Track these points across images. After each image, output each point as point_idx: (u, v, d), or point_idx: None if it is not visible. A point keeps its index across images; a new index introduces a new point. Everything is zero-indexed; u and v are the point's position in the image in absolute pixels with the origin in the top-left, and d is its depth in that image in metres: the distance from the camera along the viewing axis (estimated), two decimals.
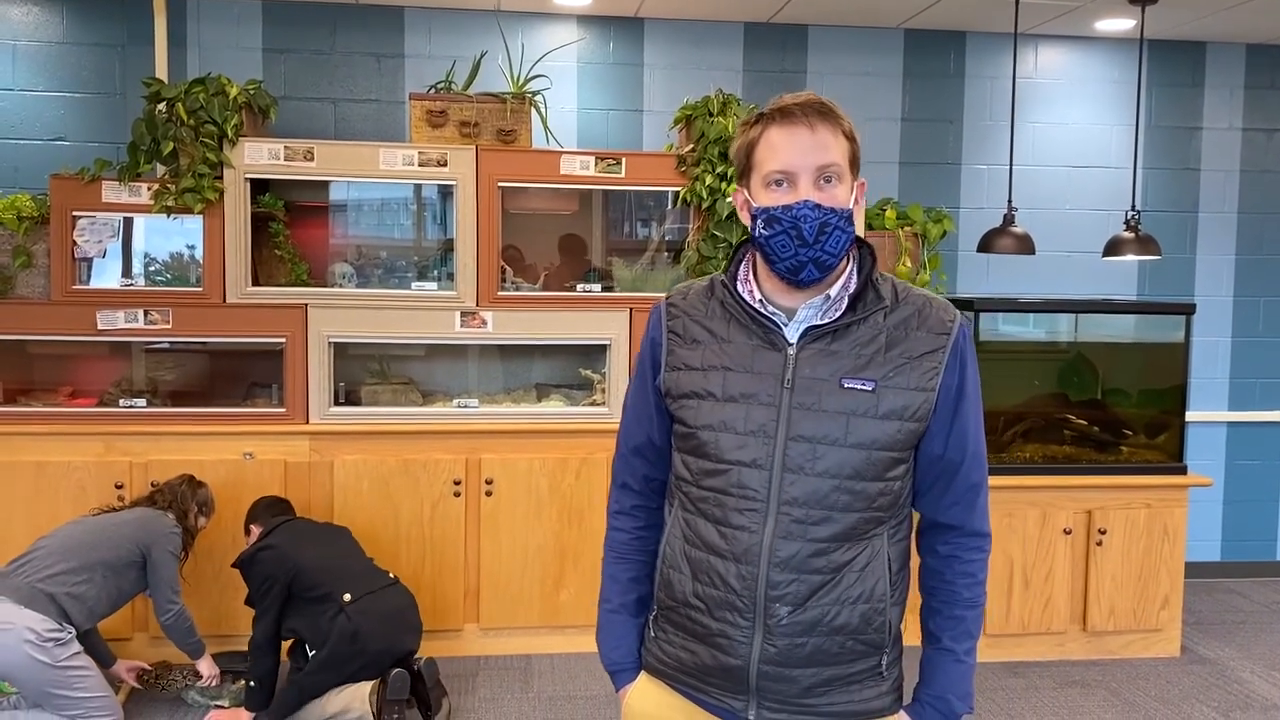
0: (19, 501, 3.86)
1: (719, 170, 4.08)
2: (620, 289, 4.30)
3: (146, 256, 4.19)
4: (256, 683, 3.35)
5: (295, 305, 3.98)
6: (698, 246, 4.18)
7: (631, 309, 4.13)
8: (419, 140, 4.11)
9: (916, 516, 1.68)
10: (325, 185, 4.34)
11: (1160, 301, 4.95)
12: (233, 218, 3.95)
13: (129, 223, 4.09)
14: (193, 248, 4.11)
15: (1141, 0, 4.26)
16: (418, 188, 4.42)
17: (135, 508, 3.56)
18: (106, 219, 3.99)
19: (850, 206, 1.52)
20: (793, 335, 1.56)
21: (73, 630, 3.17)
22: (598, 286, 4.24)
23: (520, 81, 4.24)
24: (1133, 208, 4.39)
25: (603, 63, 4.71)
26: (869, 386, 1.53)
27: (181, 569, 3.58)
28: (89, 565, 3.26)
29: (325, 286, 4.18)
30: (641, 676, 1.71)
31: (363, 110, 4.58)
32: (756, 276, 1.61)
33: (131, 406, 3.96)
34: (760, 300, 1.58)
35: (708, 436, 1.56)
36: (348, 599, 3.32)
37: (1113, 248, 4.39)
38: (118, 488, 3.87)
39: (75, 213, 3.94)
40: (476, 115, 4.13)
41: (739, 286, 1.60)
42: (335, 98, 4.56)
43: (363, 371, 4.35)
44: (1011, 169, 4.53)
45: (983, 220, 4.79)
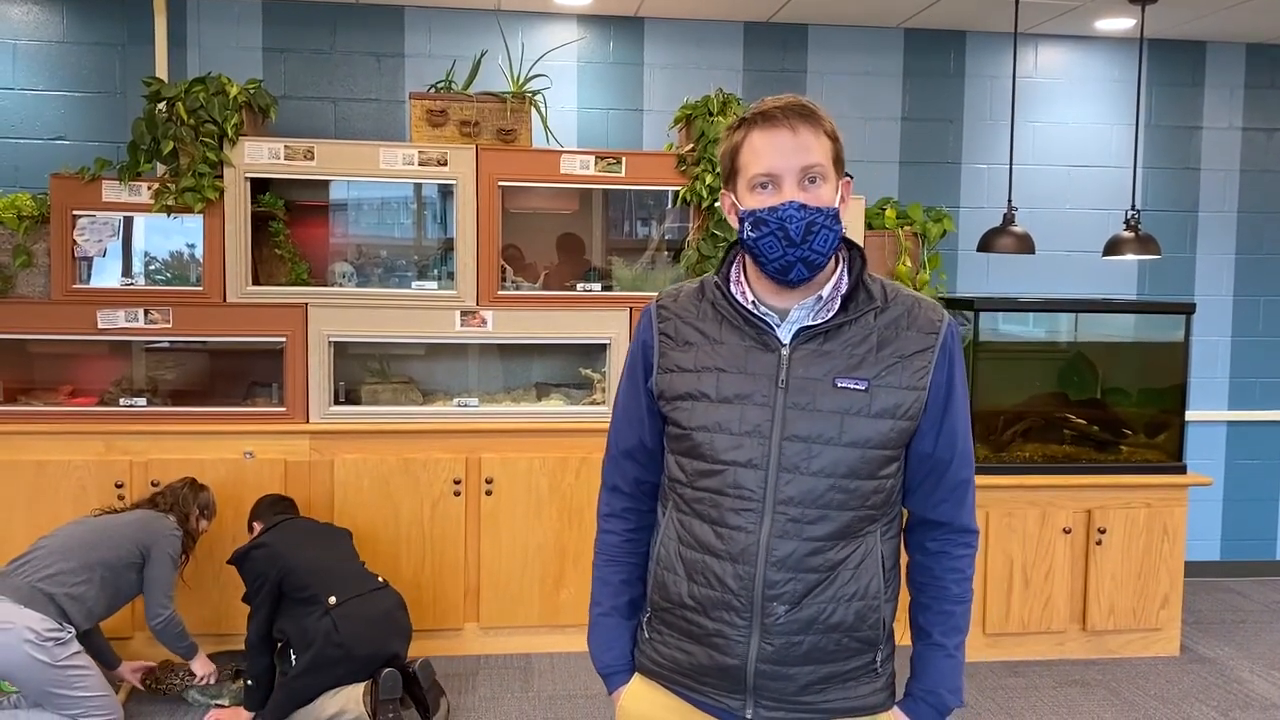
0: (19, 501, 3.86)
1: (719, 170, 4.07)
2: (620, 288, 4.30)
3: (147, 256, 4.19)
4: (254, 681, 3.35)
5: (295, 304, 3.99)
6: (698, 246, 4.18)
7: (631, 308, 4.13)
8: (419, 139, 4.11)
9: (905, 514, 1.69)
10: (325, 184, 4.34)
11: (1160, 301, 4.95)
12: (233, 217, 3.96)
13: (129, 222, 4.10)
14: (193, 247, 4.11)
15: (1141, 0, 4.27)
16: (418, 187, 4.43)
17: (137, 509, 3.56)
18: (107, 218, 3.99)
19: (836, 205, 1.53)
20: (785, 336, 1.57)
21: (72, 630, 3.17)
22: (598, 286, 4.24)
23: (520, 81, 4.25)
24: (1133, 207, 4.39)
25: (603, 62, 4.71)
26: (862, 386, 1.54)
27: (182, 572, 3.58)
28: (88, 566, 3.26)
29: (325, 286, 4.18)
30: (636, 678, 1.71)
31: (363, 110, 4.58)
32: (747, 278, 1.62)
33: (132, 406, 3.97)
34: (753, 301, 1.59)
35: (702, 438, 1.56)
36: (333, 602, 3.29)
37: (1112, 247, 4.40)
38: (118, 487, 3.87)
39: (75, 212, 3.94)
40: (477, 115, 4.14)
41: (731, 288, 1.61)
42: (335, 97, 4.56)
43: (363, 371, 4.35)
44: (1011, 168, 4.53)
45: (983, 220, 4.79)
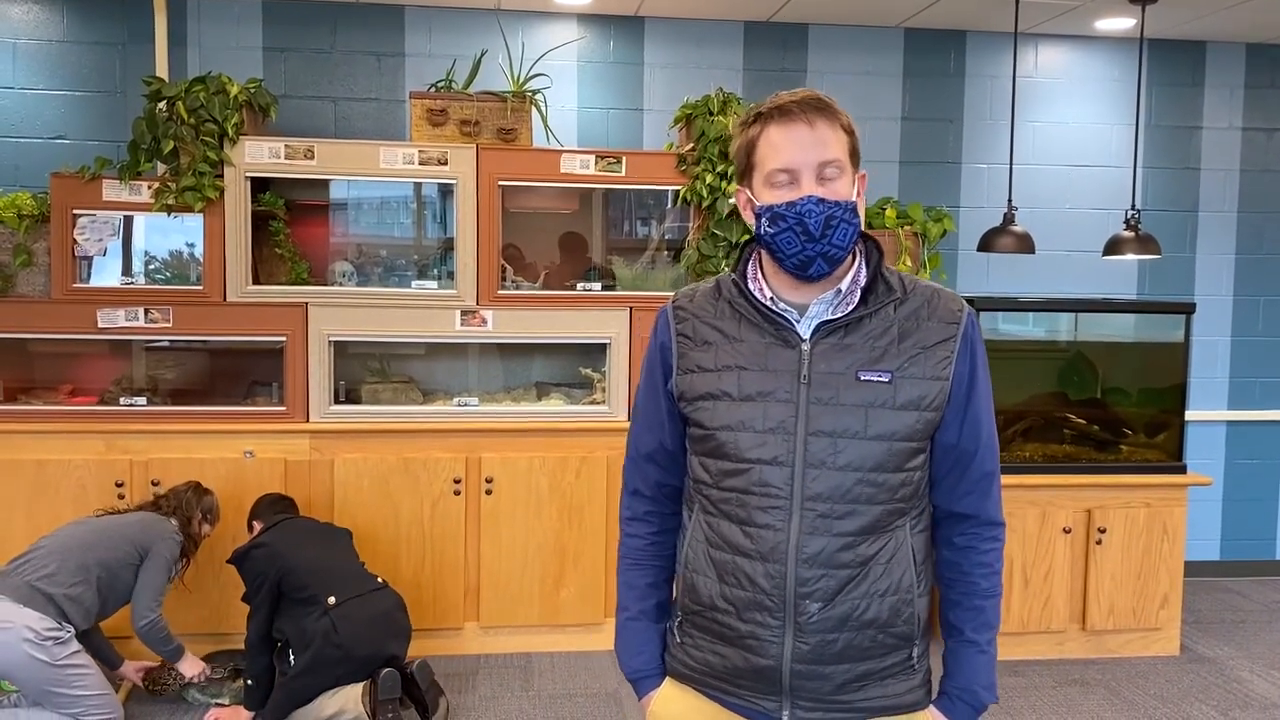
0: (19, 500, 3.86)
1: (719, 169, 4.08)
2: (620, 288, 4.30)
3: (147, 255, 4.19)
4: (253, 681, 3.35)
5: (295, 304, 3.99)
6: (698, 245, 4.18)
7: (631, 308, 4.13)
8: (419, 139, 4.11)
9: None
10: (325, 184, 4.34)
11: (1160, 301, 4.95)
12: (233, 216, 3.96)
13: (129, 221, 4.10)
14: (193, 246, 4.11)
15: (1141, 0, 4.26)
16: (418, 186, 4.43)
17: (139, 511, 3.56)
18: (107, 217, 3.99)
19: (854, 199, 1.52)
20: (805, 331, 1.56)
21: (71, 629, 3.17)
22: (598, 285, 4.24)
23: (520, 80, 4.25)
24: (1133, 207, 4.39)
25: (603, 61, 4.71)
26: (885, 378, 1.52)
27: (183, 576, 3.57)
28: (86, 566, 3.26)
29: (325, 285, 4.18)
30: (666, 682, 1.69)
31: (363, 109, 4.58)
32: (764, 274, 1.60)
33: (132, 405, 3.97)
34: (771, 297, 1.57)
35: (726, 437, 1.55)
36: (332, 602, 3.29)
37: (1112, 247, 4.39)
38: (118, 486, 3.87)
39: (76, 211, 3.94)
40: (477, 114, 4.13)
41: (749, 285, 1.60)
42: (335, 96, 4.56)
43: (363, 370, 4.35)
44: (1011, 168, 4.53)
45: (983, 219, 4.79)
